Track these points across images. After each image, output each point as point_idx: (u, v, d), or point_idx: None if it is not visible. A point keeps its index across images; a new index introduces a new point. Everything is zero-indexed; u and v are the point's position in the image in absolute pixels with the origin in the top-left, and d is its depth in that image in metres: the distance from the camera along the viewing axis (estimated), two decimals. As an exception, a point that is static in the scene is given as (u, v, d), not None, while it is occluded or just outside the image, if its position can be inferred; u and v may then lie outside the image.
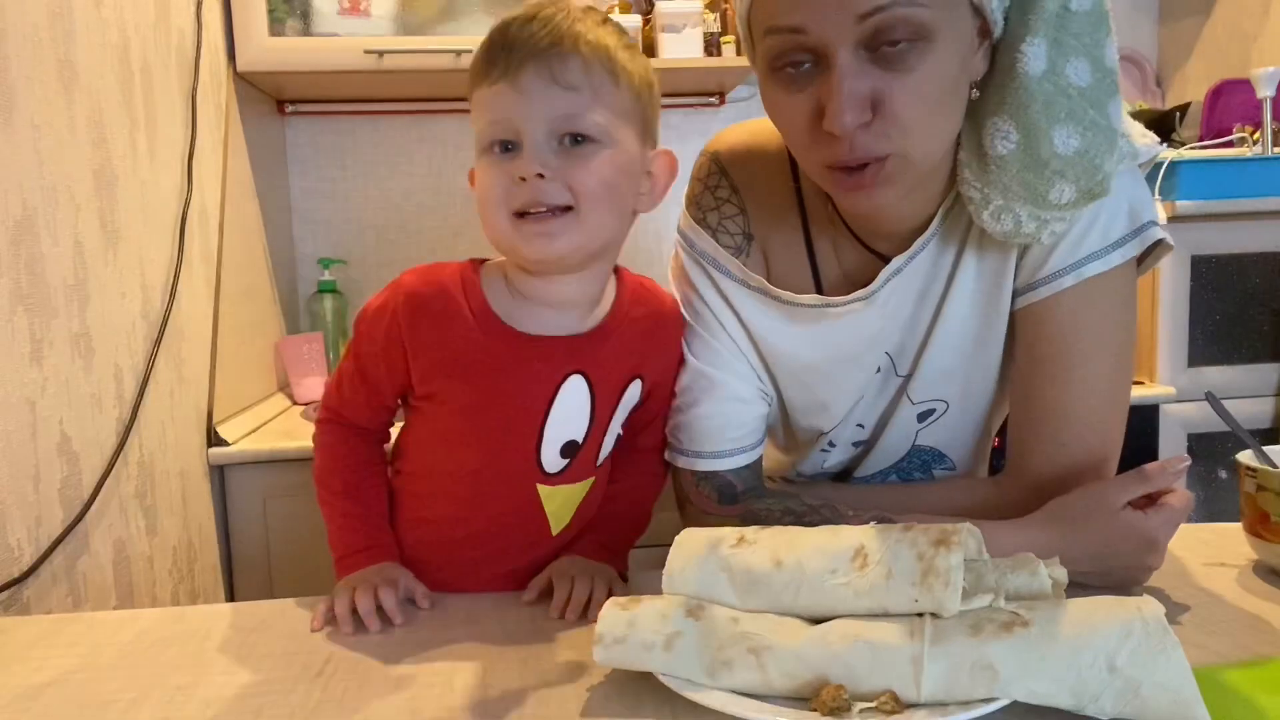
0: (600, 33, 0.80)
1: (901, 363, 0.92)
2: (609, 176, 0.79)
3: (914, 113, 0.73)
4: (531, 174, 0.76)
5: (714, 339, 0.91)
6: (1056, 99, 0.75)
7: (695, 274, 0.92)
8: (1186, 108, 2.03)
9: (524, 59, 0.77)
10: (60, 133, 1.12)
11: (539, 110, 0.77)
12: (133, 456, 1.26)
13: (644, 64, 0.83)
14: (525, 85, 0.77)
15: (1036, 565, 0.68)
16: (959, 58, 0.74)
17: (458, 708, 0.65)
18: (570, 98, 0.77)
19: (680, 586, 0.69)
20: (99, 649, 0.77)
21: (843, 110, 0.71)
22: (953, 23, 0.73)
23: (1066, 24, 0.75)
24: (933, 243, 0.86)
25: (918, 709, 0.59)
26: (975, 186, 0.81)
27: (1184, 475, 0.79)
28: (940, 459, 0.97)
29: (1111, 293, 0.85)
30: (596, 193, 0.78)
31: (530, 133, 0.77)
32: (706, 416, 0.92)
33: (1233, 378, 1.86)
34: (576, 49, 0.77)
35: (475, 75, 0.80)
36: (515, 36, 0.78)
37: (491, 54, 0.79)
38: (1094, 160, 0.76)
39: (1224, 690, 0.61)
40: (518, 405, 0.85)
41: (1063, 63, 0.75)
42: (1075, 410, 0.86)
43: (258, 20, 1.81)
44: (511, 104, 0.77)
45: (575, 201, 0.78)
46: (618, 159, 0.79)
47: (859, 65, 0.71)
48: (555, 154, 0.77)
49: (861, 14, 0.70)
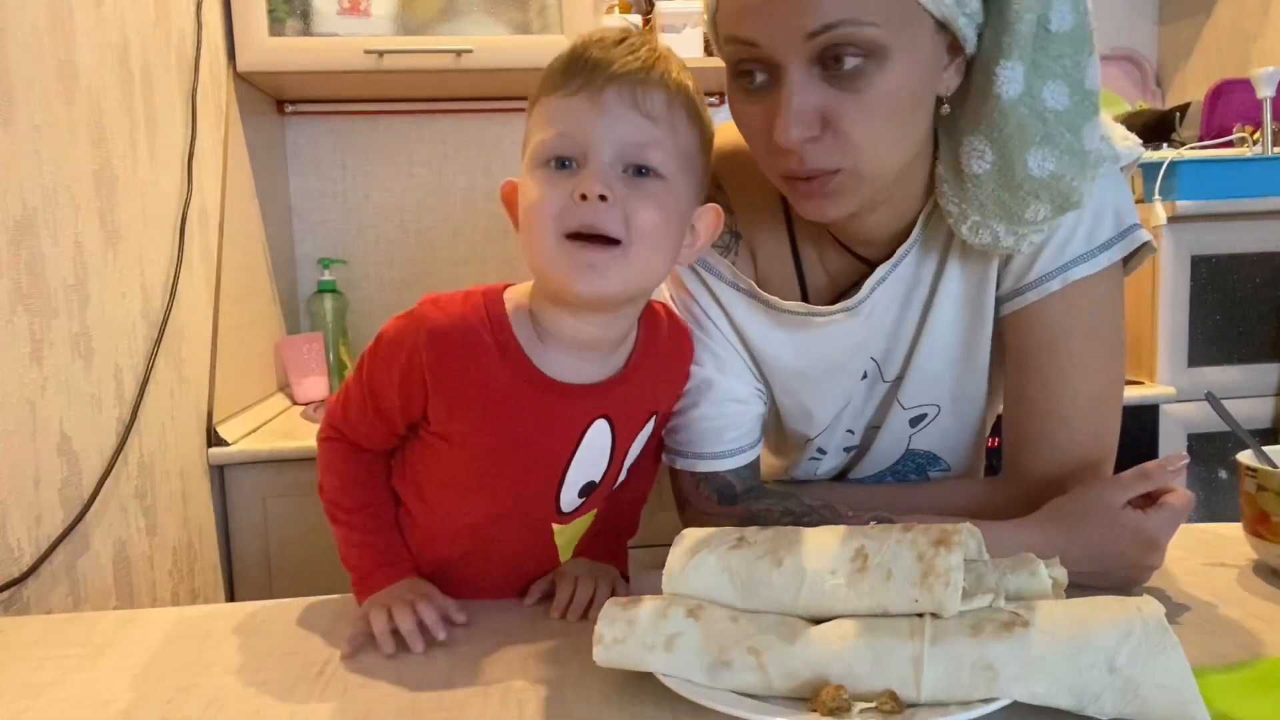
0: (684, 75, 0.78)
1: (888, 368, 0.92)
2: (665, 217, 0.75)
3: (864, 130, 0.73)
4: (595, 194, 0.72)
5: (709, 338, 0.91)
6: (1032, 122, 0.75)
7: (687, 276, 0.92)
8: (1186, 108, 2.03)
9: (609, 78, 0.73)
10: (60, 133, 1.12)
11: (614, 131, 0.73)
12: (133, 456, 1.26)
13: (711, 124, 0.81)
14: (606, 103, 0.73)
15: (1036, 565, 0.68)
16: (917, 75, 0.74)
17: (458, 708, 0.65)
18: (647, 127, 0.74)
19: (680, 586, 0.69)
20: (99, 649, 0.77)
21: (788, 126, 0.72)
22: (910, 40, 0.72)
23: (1045, 46, 0.74)
24: (915, 249, 0.86)
25: (918, 709, 0.59)
26: (953, 201, 0.81)
27: (1183, 473, 0.79)
28: (935, 461, 0.97)
29: (1099, 295, 0.85)
30: (651, 232, 0.74)
31: (598, 153, 0.73)
32: (705, 418, 0.92)
33: (1233, 378, 1.86)
34: (663, 81, 0.75)
35: (550, 83, 0.76)
36: (602, 54, 0.74)
37: (574, 65, 0.75)
38: (1069, 182, 0.76)
39: (1224, 690, 0.61)
40: (543, 451, 0.81)
41: (1040, 86, 0.74)
42: (1068, 414, 0.86)
43: (258, 20, 1.81)
44: (586, 119, 0.73)
45: (627, 236, 0.73)
46: (675, 202, 0.76)
47: (810, 81, 0.72)
48: (618, 179, 0.73)
49: (809, 32, 0.70)
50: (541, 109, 0.77)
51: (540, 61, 0.80)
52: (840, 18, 0.69)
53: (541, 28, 1.92)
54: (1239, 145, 1.83)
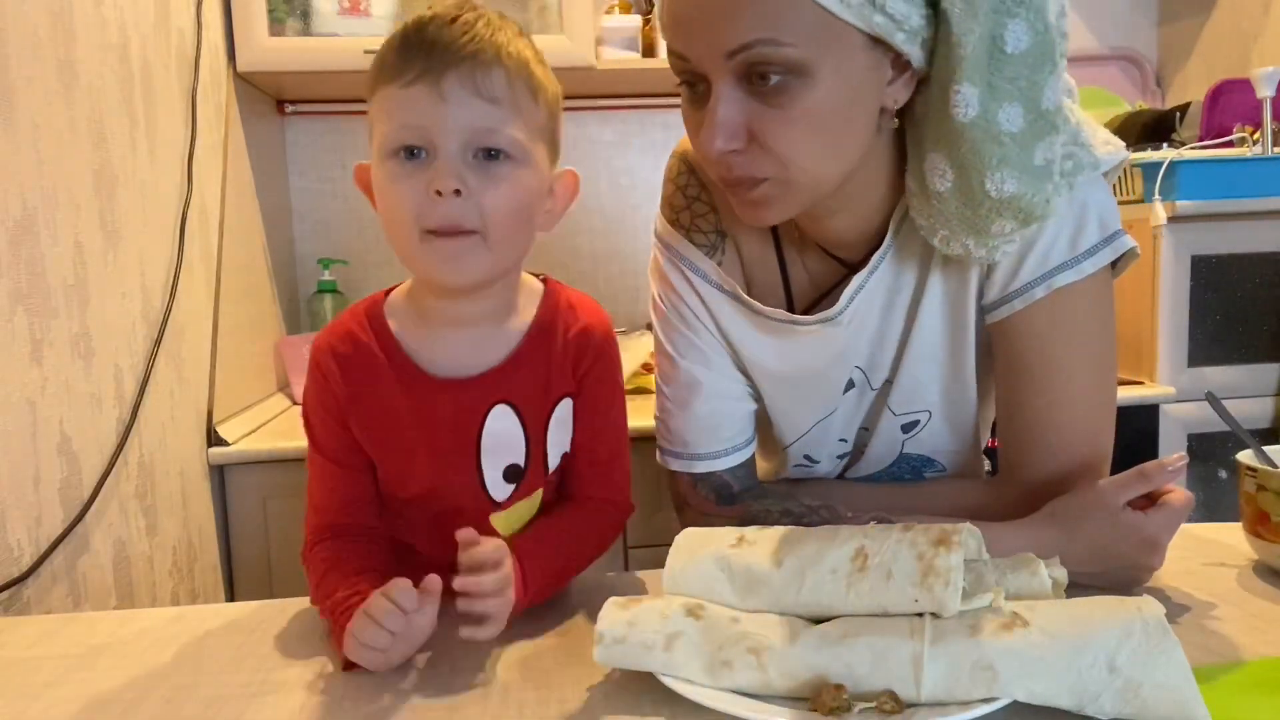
0: (520, 45, 0.78)
1: (875, 376, 0.91)
2: (520, 199, 0.77)
3: (786, 144, 0.73)
4: (448, 189, 0.73)
5: (698, 338, 0.91)
6: (987, 145, 0.74)
7: (674, 276, 0.92)
8: (1186, 108, 2.03)
9: (446, 64, 0.73)
10: (60, 133, 1.12)
11: (458, 120, 0.74)
12: (133, 456, 1.26)
13: (555, 81, 0.82)
14: (446, 92, 0.73)
15: (1036, 565, 0.68)
16: (845, 93, 0.73)
17: (458, 708, 0.65)
18: (491, 111, 0.74)
19: (680, 586, 0.70)
20: (99, 649, 0.77)
21: (713, 138, 0.74)
22: (836, 58, 0.71)
23: (1000, 68, 0.72)
24: (890, 255, 0.86)
25: (918, 709, 0.59)
26: (922, 214, 0.81)
27: (1183, 473, 0.79)
28: (929, 464, 0.97)
29: (1086, 301, 0.84)
30: (506, 217, 0.76)
31: (446, 144, 0.74)
32: (699, 417, 0.92)
33: (1233, 378, 1.86)
34: (500, 60, 0.75)
35: (385, 72, 0.76)
36: (435, 38, 0.74)
37: (408, 52, 0.75)
38: (1030, 199, 0.75)
39: (1224, 690, 0.61)
40: (444, 443, 0.82)
41: (995, 108, 0.73)
42: (1061, 419, 0.85)
43: (258, 20, 1.81)
44: (429, 110, 0.73)
45: (484, 228, 0.75)
46: (529, 179, 0.78)
47: (735, 95, 0.73)
48: (469, 168, 0.75)
49: (729, 51, 0.71)
50: (381, 100, 0.76)
51: None
52: (755, 37, 0.70)
53: (541, 28, 1.92)
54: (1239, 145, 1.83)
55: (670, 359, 0.93)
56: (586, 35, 1.90)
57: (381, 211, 0.78)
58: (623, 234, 2.39)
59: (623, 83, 2.16)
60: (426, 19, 0.76)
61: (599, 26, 2.02)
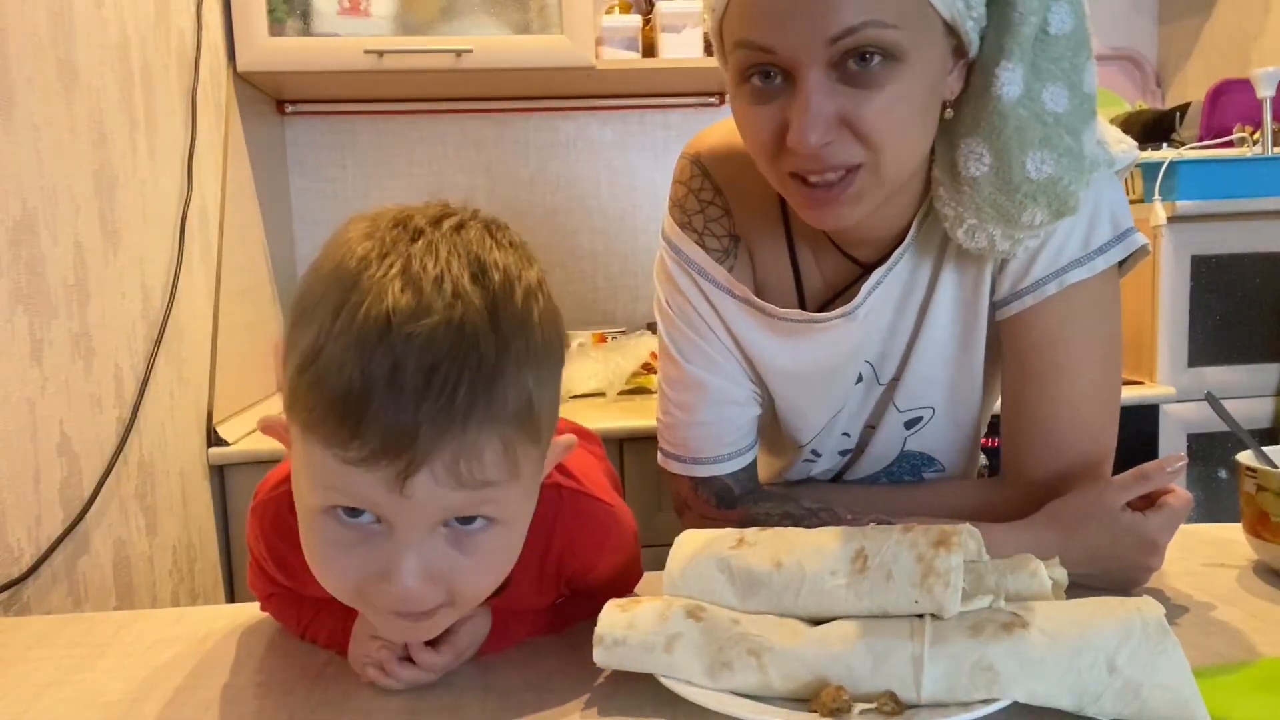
0: (528, 332, 0.56)
1: (884, 371, 0.92)
2: (502, 554, 0.61)
3: (881, 130, 0.72)
4: (411, 599, 0.57)
5: (705, 342, 0.91)
6: (1031, 125, 0.75)
7: (683, 281, 0.91)
8: (1186, 108, 2.03)
9: (415, 458, 0.52)
10: (60, 133, 1.12)
11: (429, 512, 0.56)
12: (133, 456, 1.26)
13: (558, 321, 0.61)
14: (415, 493, 0.54)
15: (1036, 566, 0.68)
16: (930, 78, 0.74)
17: (457, 708, 0.65)
18: (477, 495, 0.56)
19: (680, 588, 0.69)
20: (99, 649, 0.77)
21: (808, 129, 0.71)
22: (925, 43, 0.72)
23: (1046, 48, 0.74)
24: (910, 252, 0.86)
25: (918, 710, 0.59)
26: (949, 204, 0.81)
27: (1182, 474, 0.79)
28: (929, 462, 0.97)
29: (1096, 298, 0.85)
30: (487, 586, 0.62)
31: (408, 529, 0.56)
32: (704, 423, 0.91)
33: (1233, 378, 1.86)
34: (497, 424, 0.54)
35: (318, 429, 0.53)
36: (405, 392, 0.51)
37: (346, 415, 0.52)
38: (1066, 186, 0.76)
39: (1224, 690, 0.61)
40: None
41: (1039, 88, 0.75)
42: (1067, 416, 0.86)
43: (258, 20, 1.81)
44: (384, 499, 0.54)
45: (455, 601, 0.60)
46: (516, 527, 0.61)
47: (828, 84, 0.71)
48: (437, 543, 0.57)
49: (833, 36, 0.69)
50: (307, 450, 0.55)
51: (540, 61, 0.76)
52: (863, 19, 0.69)
53: (541, 28, 1.92)
54: (1239, 145, 1.83)
55: (677, 364, 0.92)
56: (586, 35, 1.90)
57: (308, 558, 0.60)
58: (623, 234, 2.39)
59: (623, 83, 2.16)
60: (385, 339, 0.51)
61: (599, 26, 2.02)
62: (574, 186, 2.37)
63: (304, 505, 0.59)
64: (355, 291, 0.53)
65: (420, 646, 0.67)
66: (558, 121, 2.34)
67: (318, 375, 0.52)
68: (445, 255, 0.55)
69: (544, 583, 0.72)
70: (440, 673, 0.68)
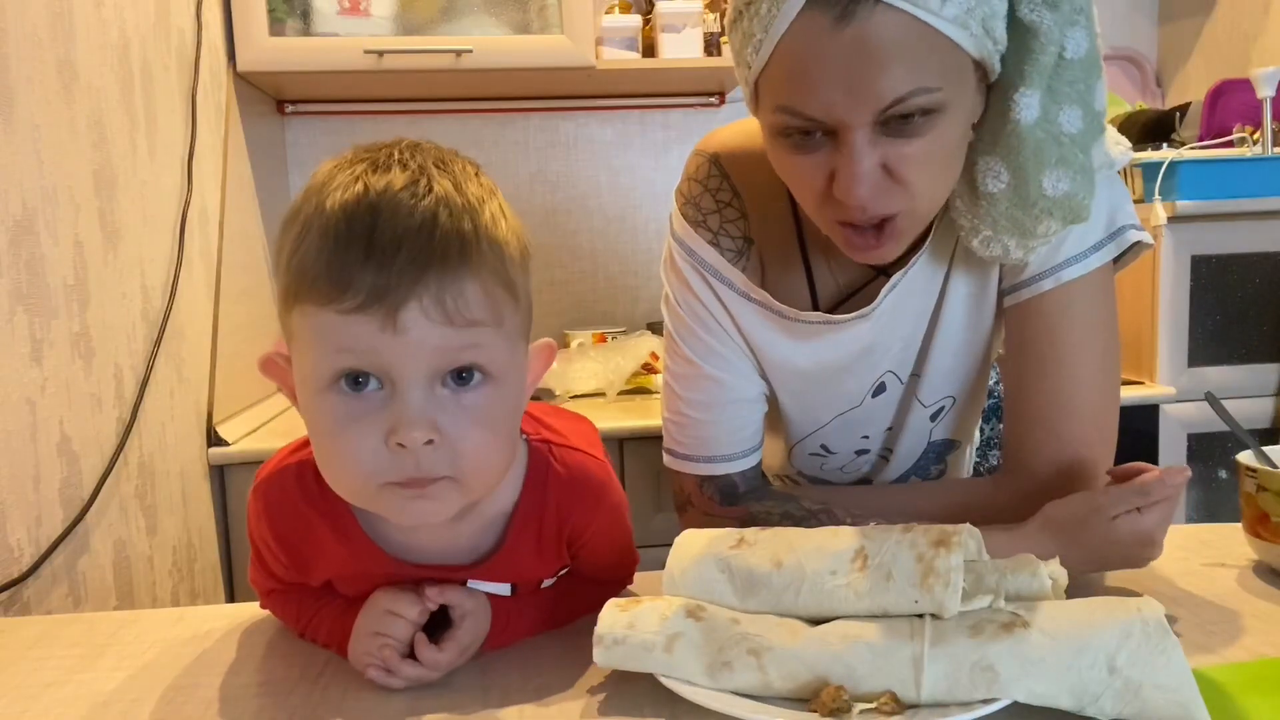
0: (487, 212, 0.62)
1: (904, 371, 0.93)
2: (499, 423, 0.63)
3: (923, 176, 0.74)
4: (417, 443, 0.59)
5: (715, 340, 0.91)
6: (1048, 145, 0.76)
7: (695, 281, 0.91)
8: (1186, 108, 2.03)
9: (403, 288, 0.57)
10: (60, 133, 1.12)
11: (423, 353, 0.59)
12: (133, 456, 1.26)
13: (520, 227, 0.66)
14: (406, 325, 0.57)
15: (1036, 566, 0.68)
16: (965, 119, 0.76)
17: (457, 708, 0.65)
18: (464, 334, 0.59)
19: (680, 588, 0.69)
20: (99, 649, 0.77)
21: (856, 184, 0.73)
22: (962, 90, 0.74)
23: (1062, 72, 0.76)
24: (925, 255, 0.87)
25: (918, 710, 0.59)
26: (966, 216, 0.82)
27: (1184, 488, 0.79)
28: (951, 446, 1.00)
29: (1091, 294, 0.87)
30: (486, 455, 0.63)
31: (407, 381, 0.59)
32: (713, 422, 0.92)
33: (1233, 378, 1.86)
34: (473, 263, 0.59)
35: (311, 292, 0.59)
36: (382, 241, 0.57)
37: (343, 264, 0.57)
38: (1081, 200, 0.78)
39: (1224, 690, 0.61)
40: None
41: (1056, 110, 0.76)
42: (1069, 404, 0.87)
43: (258, 20, 1.81)
44: (381, 342, 0.58)
45: (459, 472, 0.61)
46: (511, 398, 0.64)
47: (872, 138, 0.72)
48: (440, 403, 0.60)
49: (882, 107, 0.70)
50: (306, 321, 0.61)
51: (540, 61, 0.77)
52: (911, 88, 0.70)
53: (541, 28, 1.92)
54: (1239, 145, 1.83)
55: (687, 362, 0.92)
56: (586, 35, 1.90)
57: (319, 456, 0.64)
58: (623, 234, 2.39)
59: (623, 83, 2.16)
60: (366, 203, 0.58)
61: (599, 26, 2.02)
62: (574, 186, 2.37)
63: (310, 393, 0.62)
64: (331, 184, 0.62)
65: (424, 643, 0.68)
66: (558, 121, 2.34)
67: (309, 244, 0.60)
68: (409, 157, 0.63)
69: (544, 545, 0.73)
70: (444, 670, 0.68)
